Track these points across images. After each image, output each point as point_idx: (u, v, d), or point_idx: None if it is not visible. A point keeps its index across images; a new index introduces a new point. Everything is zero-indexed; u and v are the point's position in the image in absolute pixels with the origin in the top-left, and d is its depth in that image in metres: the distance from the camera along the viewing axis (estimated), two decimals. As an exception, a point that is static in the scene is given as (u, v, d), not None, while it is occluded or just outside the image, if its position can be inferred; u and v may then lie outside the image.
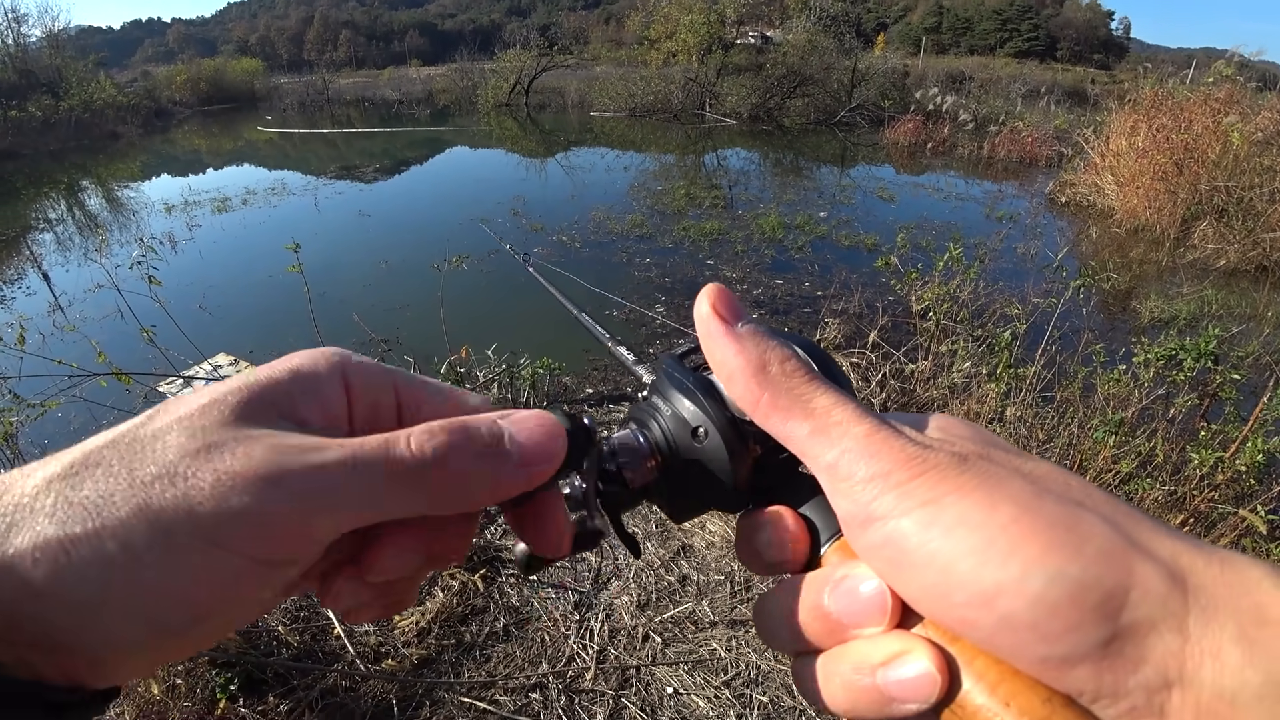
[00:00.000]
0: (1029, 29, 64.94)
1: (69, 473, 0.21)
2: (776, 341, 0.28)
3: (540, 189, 9.77)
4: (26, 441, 3.00)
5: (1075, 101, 19.24)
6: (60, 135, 16.51)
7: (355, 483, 0.22)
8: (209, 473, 0.21)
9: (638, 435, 0.32)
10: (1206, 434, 2.42)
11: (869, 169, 11.52)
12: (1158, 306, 5.06)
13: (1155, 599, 0.19)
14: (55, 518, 0.19)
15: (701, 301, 0.29)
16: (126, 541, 0.19)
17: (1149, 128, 7.71)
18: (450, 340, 3.27)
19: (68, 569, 0.19)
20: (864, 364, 3.38)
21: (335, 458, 0.22)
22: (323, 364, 0.25)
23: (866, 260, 5.99)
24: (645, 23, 21.18)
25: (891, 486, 0.23)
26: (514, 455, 0.25)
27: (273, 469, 0.21)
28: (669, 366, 0.32)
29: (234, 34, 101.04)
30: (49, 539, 0.19)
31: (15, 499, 0.20)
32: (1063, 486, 0.23)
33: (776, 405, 0.26)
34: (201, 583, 0.20)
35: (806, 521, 0.28)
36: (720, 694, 1.86)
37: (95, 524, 0.19)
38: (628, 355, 0.50)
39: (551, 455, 0.26)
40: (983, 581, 0.20)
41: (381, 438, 0.23)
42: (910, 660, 0.22)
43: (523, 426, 0.25)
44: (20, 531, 0.19)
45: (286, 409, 0.24)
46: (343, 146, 15.56)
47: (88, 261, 6.54)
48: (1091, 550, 0.20)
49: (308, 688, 1.80)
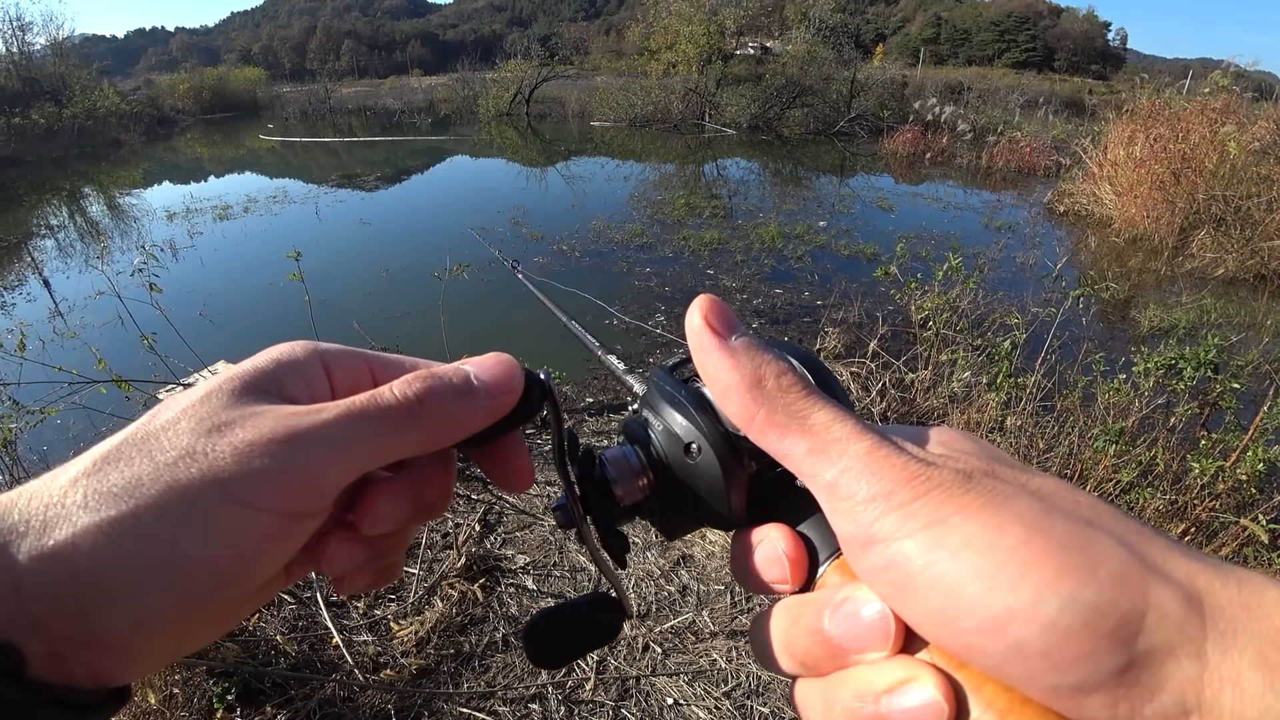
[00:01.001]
0: (1026, 40, 65.40)
1: (93, 470, 0.23)
2: (771, 355, 0.27)
3: (541, 198, 9.81)
4: (25, 448, 2.99)
5: (1073, 112, 19.34)
6: (63, 142, 16.60)
7: (356, 431, 0.25)
8: (226, 445, 0.23)
9: (629, 452, 0.31)
10: (1207, 443, 2.42)
11: (868, 179, 11.56)
12: (1157, 315, 5.07)
13: (1172, 623, 0.19)
14: (88, 508, 0.22)
15: (693, 313, 0.28)
16: (161, 516, 0.22)
17: (1146, 137, 7.75)
18: (450, 349, 3.27)
19: (107, 550, 0.21)
20: (864, 373, 3.38)
21: (334, 414, 0.25)
22: (300, 351, 0.28)
23: (866, 270, 6.00)
24: (645, 33, 21.37)
25: (894, 507, 0.22)
26: (481, 389, 0.28)
27: (285, 431, 0.24)
28: (659, 379, 0.31)
29: (237, 43, 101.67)
30: (87, 526, 0.21)
31: (45, 500, 0.22)
32: (1071, 504, 0.22)
33: (773, 422, 0.25)
34: (231, 543, 0.23)
35: (804, 540, 0.27)
36: (720, 705, 1.85)
37: (129, 506, 0.22)
38: (617, 364, 0.50)
39: (511, 387, 0.29)
40: (992, 606, 0.20)
41: (368, 393, 0.26)
42: (915, 688, 0.22)
43: (484, 365, 0.29)
44: (58, 526, 0.21)
45: (276, 390, 0.26)
46: (344, 155, 15.63)
47: (89, 268, 6.56)
48: (1105, 573, 0.19)
49: (306, 698, 1.78)
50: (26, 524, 0.21)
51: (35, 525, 0.21)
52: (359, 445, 0.25)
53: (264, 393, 0.26)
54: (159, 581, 0.22)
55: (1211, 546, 2.25)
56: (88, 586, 0.21)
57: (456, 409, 0.27)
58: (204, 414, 0.24)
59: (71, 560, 0.21)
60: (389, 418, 0.26)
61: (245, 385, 0.26)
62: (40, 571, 0.21)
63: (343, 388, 0.28)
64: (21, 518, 0.21)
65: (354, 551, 0.28)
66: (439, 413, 0.27)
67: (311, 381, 0.28)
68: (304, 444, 0.24)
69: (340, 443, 0.25)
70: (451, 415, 0.27)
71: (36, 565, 0.21)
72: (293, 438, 0.24)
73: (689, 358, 0.30)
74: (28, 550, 0.21)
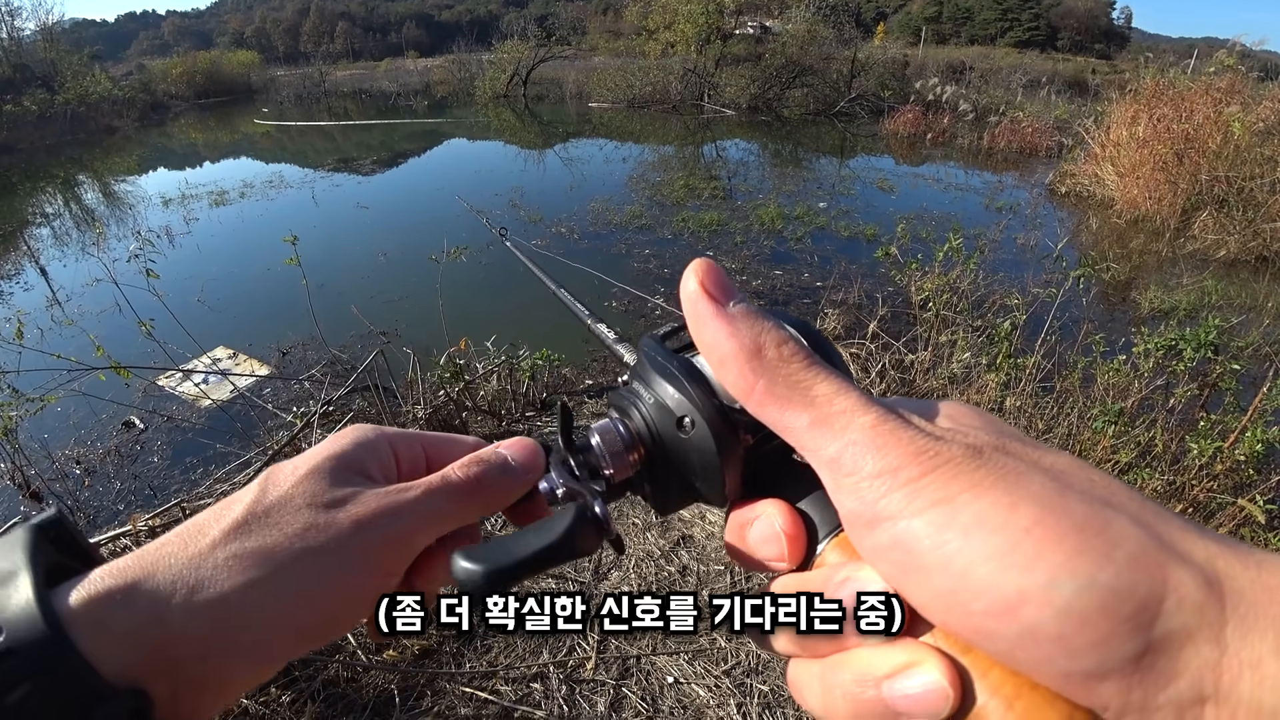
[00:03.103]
0: (1030, 19, 64.55)
1: (228, 538, 0.26)
2: (771, 323, 0.26)
3: (539, 180, 9.74)
4: (26, 436, 3.00)
5: (1076, 92, 19.12)
6: (56, 129, 16.41)
7: (434, 506, 0.31)
8: (345, 519, 0.28)
9: (618, 426, 0.30)
10: (1206, 424, 2.42)
11: (868, 159, 11.47)
12: (1157, 297, 5.06)
13: (1191, 607, 0.18)
14: (233, 569, 0.26)
15: (689, 278, 0.26)
16: (299, 578, 0.26)
17: (1150, 118, 7.68)
18: (449, 332, 3.26)
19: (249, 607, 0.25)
20: (864, 354, 3.38)
21: (419, 492, 0.31)
22: (373, 435, 0.33)
23: (866, 251, 5.97)
24: (643, 13, 21.03)
25: (901, 484, 0.21)
26: (518, 469, 0.33)
27: (390, 507, 0.29)
28: (650, 349, 0.30)
29: (229, 26, 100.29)
30: (233, 587, 0.25)
31: (189, 560, 0.26)
32: (1086, 483, 0.21)
33: (773, 393, 0.24)
34: (344, 597, 0.28)
35: (803, 516, 0.27)
36: (720, 683, 1.87)
37: (267, 570, 0.26)
38: (607, 333, 0.49)
39: (537, 465, 0.34)
40: (1004, 589, 0.19)
41: (439, 475, 0.32)
42: (919, 672, 0.21)
43: (516, 449, 0.34)
44: (207, 586, 0.25)
45: (361, 470, 0.31)
46: (340, 139, 15.49)
47: (85, 256, 6.52)
48: (1123, 555, 0.18)
49: (309, 678, 1.80)
50: (174, 583, 0.25)
51: (185, 584, 0.25)
52: (438, 515, 0.31)
53: (354, 472, 0.31)
54: (286, 632, 0.26)
55: (1209, 526, 2.26)
56: (226, 636, 0.25)
57: (503, 485, 0.33)
58: (315, 491, 0.29)
59: (217, 615, 0.25)
60: (458, 493, 0.31)
61: (339, 466, 0.31)
62: (190, 625, 0.24)
63: (404, 465, 0.34)
64: (169, 577, 0.25)
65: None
66: (491, 489, 0.32)
67: (383, 461, 0.33)
68: (404, 517, 0.29)
69: (427, 515, 0.30)
70: (499, 490, 0.33)
71: (188, 619, 0.24)
72: (394, 511, 0.29)
73: (681, 327, 0.29)
74: (180, 605, 0.24)
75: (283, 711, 1.72)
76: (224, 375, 3.61)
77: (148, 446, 3.36)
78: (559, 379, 3.72)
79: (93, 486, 3.09)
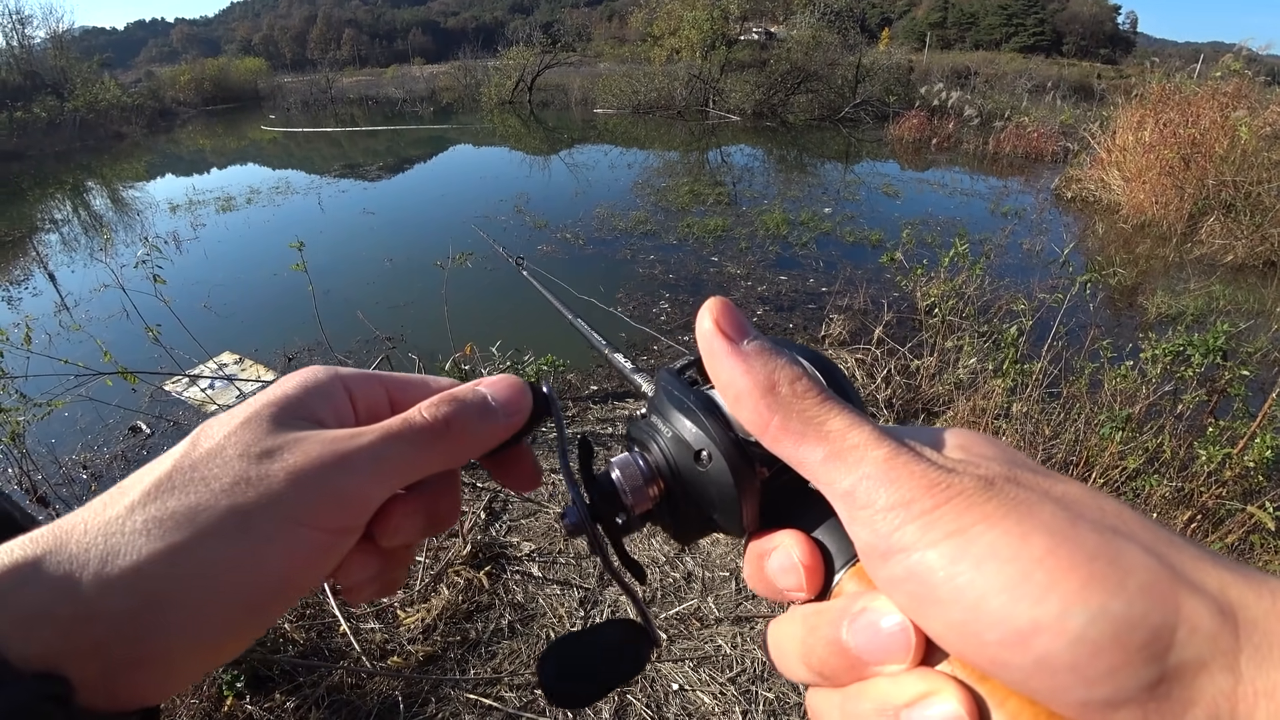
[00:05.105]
0: (1035, 24, 64.54)
1: (147, 498, 0.24)
2: (785, 359, 0.26)
3: (544, 186, 9.77)
4: (34, 441, 3.02)
5: (1081, 96, 19.10)
6: (65, 136, 16.58)
7: (393, 452, 0.27)
8: (279, 470, 0.25)
9: (638, 459, 0.30)
10: (1214, 430, 2.40)
11: (874, 165, 11.46)
12: (1165, 302, 5.03)
13: (1205, 636, 0.18)
14: (150, 535, 0.23)
15: (704, 317, 0.27)
16: (225, 539, 0.23)
17: (1156, 122, 7.65)
18: (454, 338, 3.27)
19: (172, 575, 0.23)
20: (869, 360, 3.37)
21: (374, 437, 0.27)
22: (324, 375, 0.30)
23: (871, 256, 5.97)
24: (648, 19, 21.11)
25: (914, 516, 0.21)
26: (498, 409, 0.30)
27: (332, 455, 0.26)
28: (667, 383, 0.31)
29: (237, 34, 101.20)
30: (150, 554, 0.23)
31: (103, 528, 0.23)
32: (1097, 511, 0.21)
33: (788, 429, 0.25)
34: (288, 561, 0.25)
35: (819, 546, 0.27)
36: (725, 690, 1.86)
37: (190, 532, 0.23)
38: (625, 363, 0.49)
39: (522, 405, 0.31)
40: (1017, 619, 0.19)
41: (401, 417, 0.29)
42: (937, 702, 0.21)
43: (497, 386, 0.31)
44: (120, 554, 0.22)
45: (308, 415, 0.28)
46: (346, 145, 15.59)
47: (93, 261, 6.58)
48: (1135, 584, 0.19)
49: (314, 685, 1.80)
50: (87, 553, 0.22)
51: (97, 554, 0.22)
52: (397, 464, 0.27)
53: (298, 418, 0.28)
54: (222, 602, 0.23)
55: (1218, 534, 2.25)
56: (151, 611, 0.22)
57: (478, 428, 0.30)
58: (249, 440, 0.26)
59: (136, 586, 0.22)
60: (421, 438, 0.28)
61: (280, 411, 0.27)
62: (106, 599, 0.22)
63: (363, 409, 0.30)
64: (81, 547, 0.22)
65: (368, 563, 0.29)
66: (463, 432, 0.29)
67: (337, 405, 0.29)
68: (351, 466, 0.26)
69: (381, 462, 0.27)
70: (474, 433, 0.30)
71: (102, 593, 0.22)
72: (340, 460, 0.26)
73: (696, 359, 0.29)
74: (92, 578, 0.22)
75: (287, 718, 1.72)
76: (230, 380, 3.62)
77: (154, 451, 3.35)
78: (564, 384, 3.73)
79: (99, 491, 3.10)
